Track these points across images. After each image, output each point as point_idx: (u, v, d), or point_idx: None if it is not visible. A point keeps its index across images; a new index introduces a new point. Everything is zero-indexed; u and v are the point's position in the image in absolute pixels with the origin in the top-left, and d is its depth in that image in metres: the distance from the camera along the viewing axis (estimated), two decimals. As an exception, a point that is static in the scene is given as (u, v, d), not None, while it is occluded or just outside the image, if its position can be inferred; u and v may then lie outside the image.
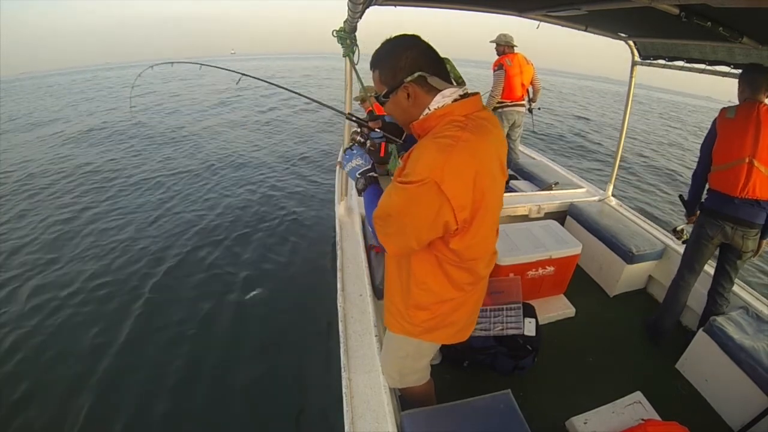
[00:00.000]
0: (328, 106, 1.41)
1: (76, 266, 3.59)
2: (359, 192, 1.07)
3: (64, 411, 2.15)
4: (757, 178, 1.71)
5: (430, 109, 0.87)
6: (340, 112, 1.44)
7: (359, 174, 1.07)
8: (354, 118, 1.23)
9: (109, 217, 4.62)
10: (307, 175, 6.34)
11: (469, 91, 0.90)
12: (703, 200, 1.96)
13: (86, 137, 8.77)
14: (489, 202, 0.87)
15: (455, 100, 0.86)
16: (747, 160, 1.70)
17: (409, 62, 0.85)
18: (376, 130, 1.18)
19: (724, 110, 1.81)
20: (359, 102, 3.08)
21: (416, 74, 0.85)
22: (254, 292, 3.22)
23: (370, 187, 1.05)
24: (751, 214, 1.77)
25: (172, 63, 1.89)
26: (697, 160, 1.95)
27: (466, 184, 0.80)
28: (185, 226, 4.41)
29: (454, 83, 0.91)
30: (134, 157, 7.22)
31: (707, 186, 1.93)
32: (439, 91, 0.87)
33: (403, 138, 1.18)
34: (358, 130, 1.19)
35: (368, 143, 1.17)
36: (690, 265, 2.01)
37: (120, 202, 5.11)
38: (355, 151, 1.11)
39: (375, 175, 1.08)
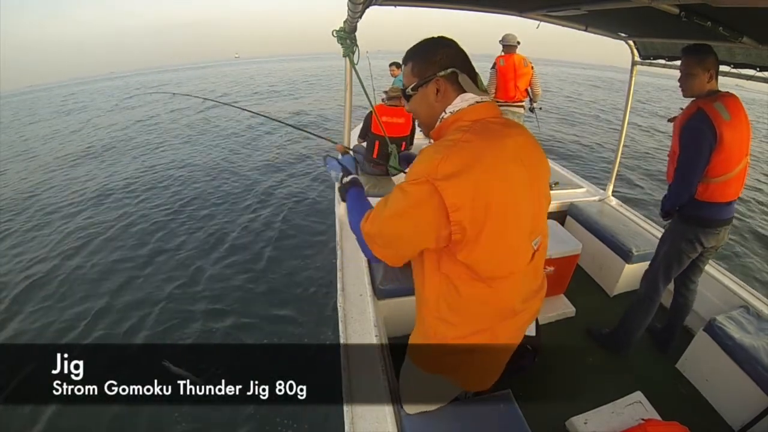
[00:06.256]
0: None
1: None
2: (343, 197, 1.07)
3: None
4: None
5: (446, 113, 0.86)
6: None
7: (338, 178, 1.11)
8: None
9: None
10: (306, 174, 6.33)
11: (486, 99, 0.87)
12: (688, 211, 1.70)
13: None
14: (504, 213, 0.79)
15: (470, 105, 0.84)
16: (746, 161, 1.61)
17: (444, 58, 0.85)
18: None
19: (712, 111, 1.51)
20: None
21: (449, 70, 0.84)
22: (253, 291, 3.22)
23: (351, 189, 1.05)
24: (734, 209, 1.70)
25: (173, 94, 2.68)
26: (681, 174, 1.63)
27: (461, 183, 0.74)
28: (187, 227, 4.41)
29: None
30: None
31: (695, 198, 1.66)
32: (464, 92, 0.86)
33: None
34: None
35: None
36: (668, 277, 1.84)
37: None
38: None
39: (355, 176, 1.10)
